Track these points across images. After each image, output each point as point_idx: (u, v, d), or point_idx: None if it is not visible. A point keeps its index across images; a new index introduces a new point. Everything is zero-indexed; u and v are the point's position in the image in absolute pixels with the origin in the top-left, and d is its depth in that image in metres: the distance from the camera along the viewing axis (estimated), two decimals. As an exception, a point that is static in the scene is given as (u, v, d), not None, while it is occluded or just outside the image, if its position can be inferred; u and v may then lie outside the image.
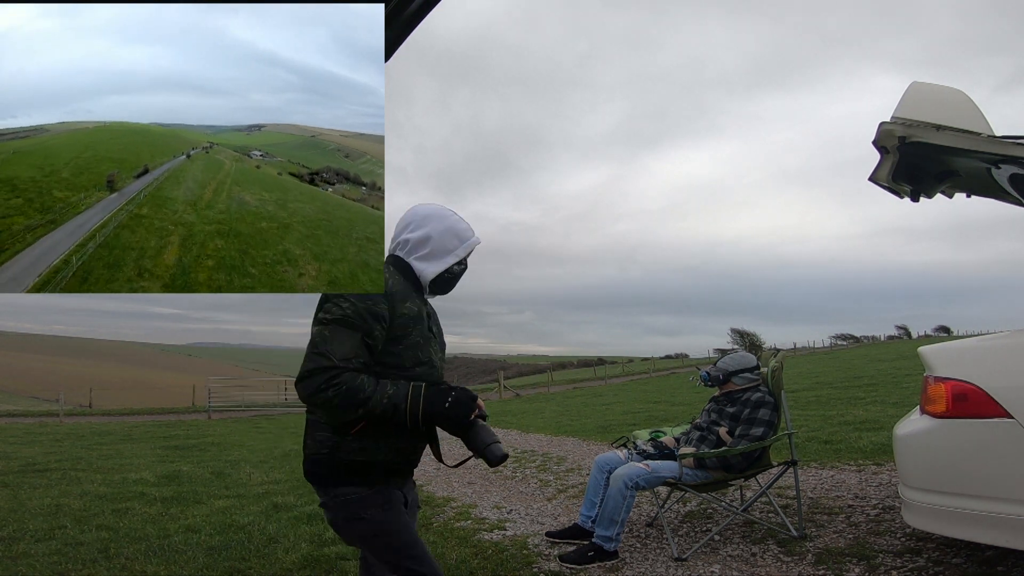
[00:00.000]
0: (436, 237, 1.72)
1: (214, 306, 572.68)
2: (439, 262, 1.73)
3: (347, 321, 1.55)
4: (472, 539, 3.70)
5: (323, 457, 1.62)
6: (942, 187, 3.05)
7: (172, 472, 6.63)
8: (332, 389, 1.49)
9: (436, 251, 1.72)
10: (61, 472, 6.77)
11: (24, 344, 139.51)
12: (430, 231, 1.72)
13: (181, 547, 3.72)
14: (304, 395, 1.51)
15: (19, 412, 21.75)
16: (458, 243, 1.75)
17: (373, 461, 1.61)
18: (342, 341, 1.54)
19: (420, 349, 1.68)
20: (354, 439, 1.60)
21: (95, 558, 3.54)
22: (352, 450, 1.60)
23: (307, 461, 1.67)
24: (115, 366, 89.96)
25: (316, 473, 1.65)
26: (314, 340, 1.55)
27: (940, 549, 2.89)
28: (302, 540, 3.79)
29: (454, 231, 1.75)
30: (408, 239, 1.74)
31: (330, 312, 1.57)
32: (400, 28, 2.41)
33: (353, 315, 1.56)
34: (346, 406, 1.51)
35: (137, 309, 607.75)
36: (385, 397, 1.54)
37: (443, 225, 1.74)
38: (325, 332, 1.55)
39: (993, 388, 2.33)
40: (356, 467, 1.60)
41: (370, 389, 1.53)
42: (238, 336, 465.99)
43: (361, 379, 1.53)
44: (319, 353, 1.52)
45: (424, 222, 1.74)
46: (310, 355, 1.54)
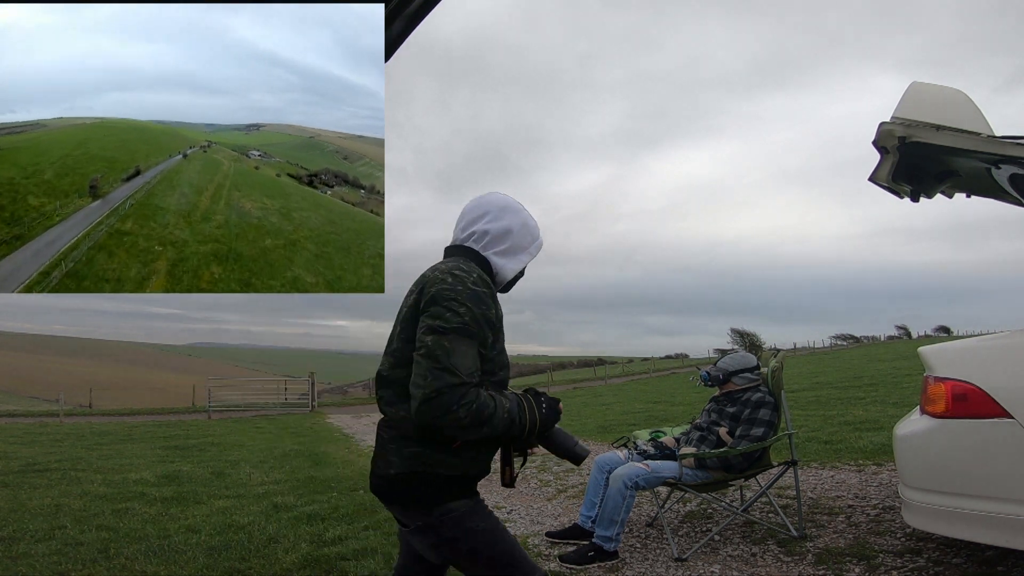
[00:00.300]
0: (516, 231, 1.57)
1: (214, 306, 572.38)
2: (516, 259, 1.58)
3: (466, 330, 1.40)
4: (472, 539, 3.70)
5: (422, 475, 1.46)
6: (942, 187, 3.05)
7: (172, 472, 6.62)
8: (463, 409, 1.34)
9: (515, 247, 1.58)
10: (61, 472, 6.77)
11: (24, 344, 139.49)
12: (510, 224, 1.57)
13: (181, 547, 3.72)
14: (430, 417, 1.35)
15: (19, 412, 21.74)
16: (531, 240, 1.61)
17: (469, 474, 1.51)
18: (464, 354, 1.38)
19: (504, 353, 1.57)
20: (454, 453, 1.47)
21: (95, 558, 3.54)
22: (453, 464, 1.47)
23: (396, 480, 1.49)
24: (115, 366, 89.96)
25: (413, 493, 1.48)
26: (433, 353, 1.37)
27: (940, 549, 2.89)
28: (302, 540, 3.79)
29: (529, 227, 1.61)
30: (487, 230, 1.56)
31: (447, 320, 1.39)
32: (400, 28, 2.41)
33: (471, 323, 1.41)
34: (474, 425, 1.38)
35: (137, 309, 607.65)
36: (504, 411, 1.43)
37: (520, 219, 1.59)
38: (445, 344, 1.37)
39: (993, 388, 2.33)
40: (458, 481, 1.49)
41: (492, 404, 1.41)
42: (238, 336, 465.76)
43: (484, 395, 1.40)
44: (445, 369, 1.35)
45: (502, 213, 1.57)
46: (432, 371, 1.35)
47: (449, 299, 1.40)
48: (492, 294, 1.48)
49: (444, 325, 1.38)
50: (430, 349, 1.37)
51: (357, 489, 5.45)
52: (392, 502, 1.53)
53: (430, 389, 1.34)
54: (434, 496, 1.47)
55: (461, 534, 1.48)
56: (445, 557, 1.54)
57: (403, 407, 1.47)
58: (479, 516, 1.51)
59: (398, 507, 1.52)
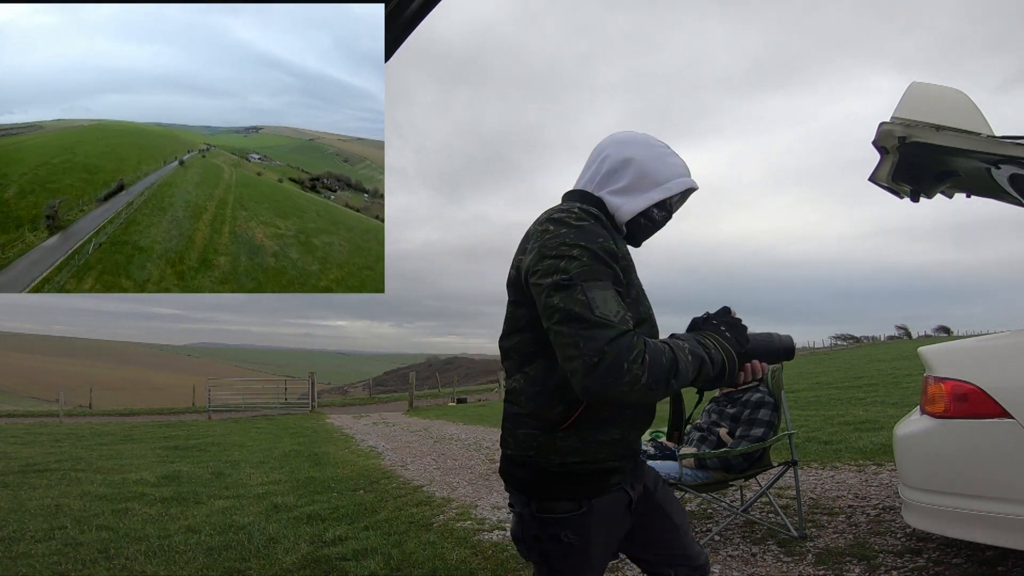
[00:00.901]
0: (638, 164, 1.32)
1: (214, 306, 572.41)
2: (640, 197, 1.31)
3: (593, 271, 1.13)
4: (472, 539, 3.70)
5: (528, 460, 1.26)
6: (942, 187, 3.05)
7: (172, 472, 6.62)
8: (637, 364, 1.06)
9: (636, 183, 1.32)
10: (61, 472, 6.77)
11: (24, 344, 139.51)
12: (630, 156, 1.33)
13: (181, 547, 3.72)
14: (604, 390, 1.07)
15: (19, 412, 21.75)
16: (665, 177, 1.33)
17: (589, 465, 1.25)
18: (605, 299, 1.11)
19: (642, 302, 1.29)
20: (565, 435, 1.22)
21: (95, 558, 3.54)
22: (564, 451, 1.23)
23: (507, 461, 1.33)
24: (115, 366, 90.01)
25: (518, 477, 1.30)
26: (570, 313, 1.10)
27: (940, 549, 2.89)
28: (302, 540, 3.79)
29: (661, 161, 1.34)
30: (601, 168, 1.35)
31: (566, 270, 1.13)
32: (400, 29, 2.41)
33: (593, 261, 1.14)
34: (658, 381, 1.09)
35: (137, 309, 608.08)
36: (686, 353, 1.15)
37: (648, 153, 1.34)
38: (578, 296, 1.10)
39: (993, 388, 2.33)
40: (568, 476, 1.24)
41: (666, 348, 1.13)
42: (238, 336, 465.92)
43: (648, 340, 1.12)
44: (595, 324, 1.08)
45: (622, 148, 1.35)
46: (580, 334, 1.08)
47: (557, 246, 1.16)
48: (605, 224, 1.24)
49: (565, 277, 1.13)
50: (564, 310, 1.10)
51: (357, 489, 5.45)
52: (510, 484, 1.33)
53: (589, 355, 1.06)
54: (532, 486, 1.27)
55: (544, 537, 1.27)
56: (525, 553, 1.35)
57: (516, 378, 1.29)
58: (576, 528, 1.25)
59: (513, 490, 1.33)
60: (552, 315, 1.13)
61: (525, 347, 1.26)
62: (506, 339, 1.31)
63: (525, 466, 1.27)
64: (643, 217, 1.34)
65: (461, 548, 3.52)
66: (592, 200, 1.32)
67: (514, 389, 1.29)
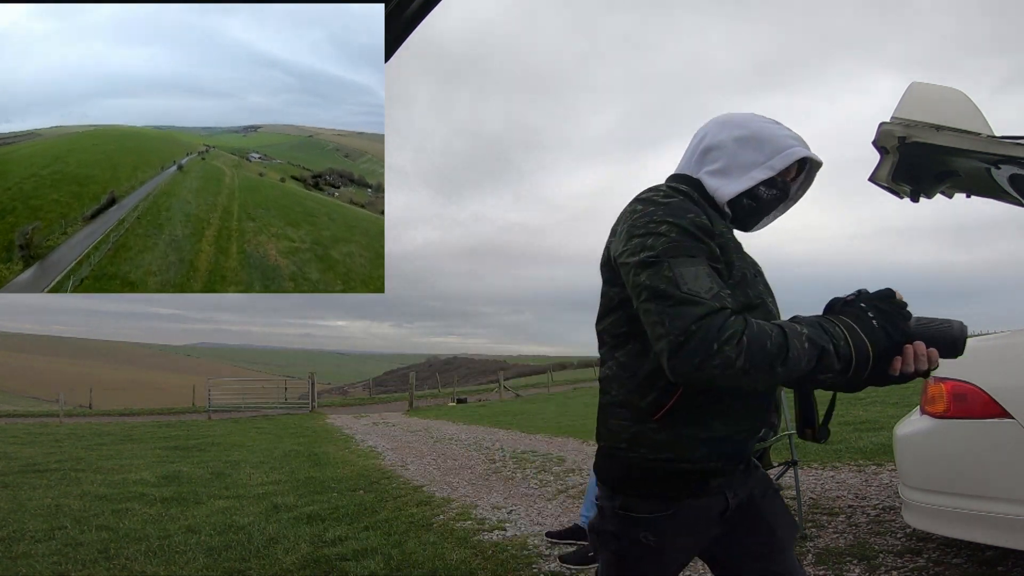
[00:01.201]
0: (735, 143, 1.23)
1: (214, 306, 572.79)
2: (740, 178, 1.21)
3: (681, 247, 1.06)
4: (472, 539, 3.70)
5: (619, 452, 1.17)
6: (942, 187, 3.05)
7: (172, 472, 6.62)
8: (730, 344, 0.97)
9: (733, 164, 1.22)
10: (61, 472, 6.77)
11: (24, 344, 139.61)
12: (727, 136, 1.24)
13: (181, 548, 3.72)
14: (690, 370, 0.98)
15: (19, 412, 21.75)
16: (766, 155, 1.21)
17: (683, 463, 1.13)
18: (696, 275, 1.03)
19: (750, 286, 1.18)
20: (658, 428, 1.12)
21: (95, 558, 3.54)
22: (656, 445, 1.12)
23: (598, 453, 1.26)
24: (115, 366, 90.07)
25: (606, 469, 1.21)
26: (656, 289, 1.03)
27: (940, 549, 2.89)
28: (302, 541, 3.79)
29: (761, 137, 1.22)
30: (697, 149, 1.27)
31: (653, 247, 1.06)
32: (400, 29, 2.40)
33: (683, 236, 1.07)
34: (758, 366, 0.98)
35: (137, 309, 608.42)
36: (802, 339, 1.02)
37: (746, 132, 1.23)
38: (666, 272, 1.03)
39: (993, 388, 2.33)
40: (658, 473, 1.14)
41: (775, 331, 1.01)
42: (238, 336, 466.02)
43: (754, 321, 1.01)
44: (682, 301, 1.00)
45: (720, 129, 1.26)
46: (667, 311, 1.01)
47: (644, 224, 1.10)
48: (696, 201, 1.16)
49: (652, 254, 1.06)
50: (651, 287, 1.04)
51: (357, 489, 5.45)
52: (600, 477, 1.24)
53: (675, 334, 0.99)
54: (619, 481, 1.18)
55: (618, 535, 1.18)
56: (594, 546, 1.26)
57: (609, 365, 1.21)
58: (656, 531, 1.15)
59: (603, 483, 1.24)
60: (640, 293, 1.06)
61: (616, 327, 1.18)
62: (600, 322, 1.24)
63: (614, 458, 1.19)
64: (746, 198, 1.22)
65: (461, 548, 3.51)
66: (689, 181, 1.24)
67: (606, 377, 1.21)
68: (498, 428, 10.68)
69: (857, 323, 1.07)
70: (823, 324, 1.06)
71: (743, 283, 1.16)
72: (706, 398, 1.10)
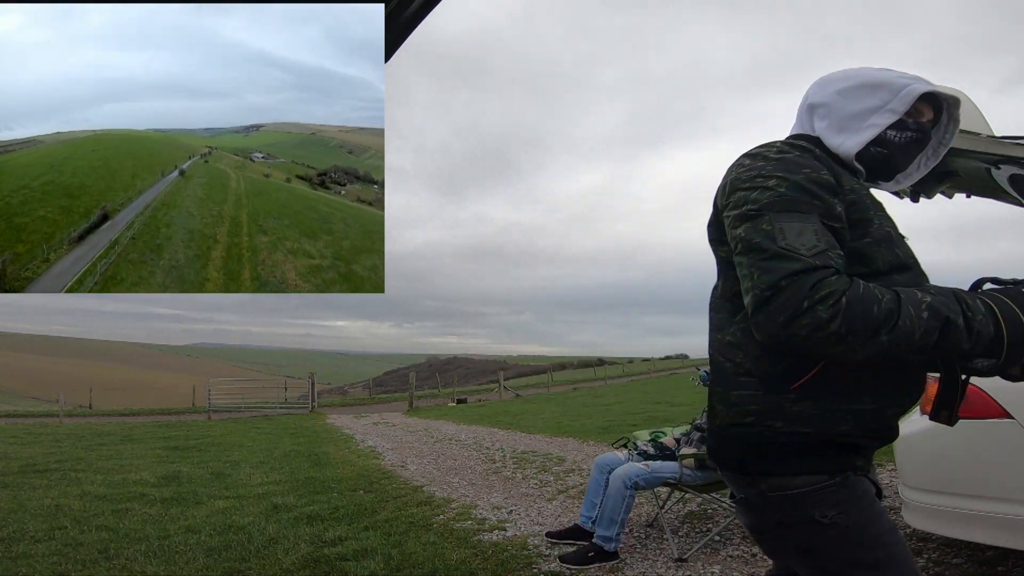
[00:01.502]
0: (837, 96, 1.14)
1: (214, 306, 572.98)
2: (859, 130, 1.12)
3: (787, 202, 0.98)
4: (472, 539, 3.70)
5: (745, 427, 1.04)
6: (942, 187, 3.05)
7: (172, 473, 6.62)
8: (823, 304, 0.88)
9: (844, 117, 1.13)
10: (61, 472, 6.77)
11: (24, 344, 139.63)
12: (829, 92, 1.15)
13: (181, 548, 3.72)
14: (773, 328, 0.91)
15: (19, 412, 21.75)
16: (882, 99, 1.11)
17: (830, 434, 1.00)
18: (799, 230, 0.95)
19: (898, 245, 1.06)
20: (797, 398, 1.00)
21: (95, 559, 3.54)
22: (794, 417, 1.00)
23: (715, 435, 1.12)
24: (115, 366, 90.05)
25: (728, 452, 1.09)
26: (751, 243, 0.97)
27: (940, 549, 2.89)
28: (302, 541, 3.79)
29: (872, 83, 1.13)
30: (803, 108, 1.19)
31: (755, 200, 1.00)
32: (400, 29, 2.41)
33: (792, 191, 0.99)
34: (855, 331, 0.88)
35: (137, 309, 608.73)
36: (921, 308, 0.90)
37: (850, 82, 1.14)
38: (764, 226, 0.97)
39: (993, 388, 2.33)
40: (808, 443, 1.01)
41: (885, 296, 0.90)
42: (238, 336, 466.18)
43: (861, 283, 0.91)
44: (775, 255, 0.93)
45: (821, 87, 1.17)
46: (758, 264, 0.95)
47: (750, 179, 1.03)
48: (817, 156, 1.07)
49: (753, 207, 1.00)
50: (746, 239, 0.98)
51: (357, 489, 5.45)
52: (716, 461, 1.14)
53: (761, 288, 0.92)
54: (764, 462, 1.03)
55: (797, 522, 1.02)
56: (771, 549, 1.13)
57: (731, 331, 1.10)
58: (836, 503, 1.00)
59: (726, 471, 1.12)
60: (736, 246, 1.01)
61: (732, 286, 1.08)
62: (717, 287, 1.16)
63: (737, 438, 1.06)
64: (874, 147, 1.13)
65: (461, 548, 3.51)
66: (808, 138, 1.14)
67: (729, 343, 1.09)
68: (498, 428, 10.67)
69: (1016, 301, 0.93)
70: (959, 295, 0.93)
71: (888, 241, 1.04)
72: (849, 368, 0.98)
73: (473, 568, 3.19)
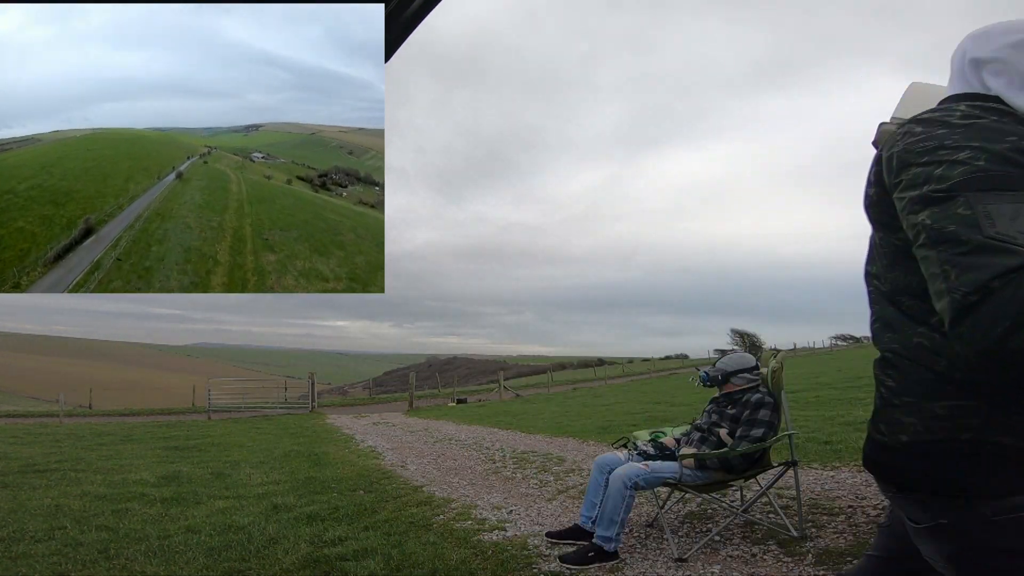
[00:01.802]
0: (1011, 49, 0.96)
1: (214, 306, 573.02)
2: None
3: (987, 177, 0.78)
4: (472, 539, 3.70)
5: (961, 447, 0.87)
6: (942, 187, 3.05)
7: (172, 473, 6.62)
8: None
9: None
10: (61, 472, 6.77)
11: (24, 344, 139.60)
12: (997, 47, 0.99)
13: (181, 548, 3.72)
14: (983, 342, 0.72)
15: (19, 412, 21.75)
16: None
17: None
18: (1006, 213, 0.75)
19: None
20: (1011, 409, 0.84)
21: (95, 558, 3.54)
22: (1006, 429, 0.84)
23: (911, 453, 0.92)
24: (115, 366, 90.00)
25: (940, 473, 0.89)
26: (941, 233, 0.78)
27: None
28: (302, 541, 3.79)
29: None
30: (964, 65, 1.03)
31: (941, 178, 0.81)
32: (400, 29, 2.41)
33: (993, 164, 0.79)
34: None
35: (137, 309, 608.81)
36: None
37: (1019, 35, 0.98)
38: (958, 211, 0.77)
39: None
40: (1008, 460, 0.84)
41: None
42: (238, 336, 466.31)
43: None
44: (978, 248, 0.74)
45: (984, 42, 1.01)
46: (953, 260, 0.76)
47: (929, 151, 0.85)
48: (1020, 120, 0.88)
49: (940, 187, 0.80)
50: (934, 228, 0.79)
51: (357, 489, 5.45)
52: (895, 482, 0.96)
53: (963, 291, 0.73)
54: (982, 481, 0.86)
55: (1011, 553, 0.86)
56: None
57: (911, 330, 0.92)
58: None
59: (916, 492, 0.93)
60: (918, 236, 0.82)
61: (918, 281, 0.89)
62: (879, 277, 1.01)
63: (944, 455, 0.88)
64: None
65: (461, 548, 3.51)
66: (985, 98, 0.95)
67: (922, 346, 0.91)
68: (498, 428, 10.67)
69: None
70: None
71: None
72: None
73: (473, 568, 3.18)
